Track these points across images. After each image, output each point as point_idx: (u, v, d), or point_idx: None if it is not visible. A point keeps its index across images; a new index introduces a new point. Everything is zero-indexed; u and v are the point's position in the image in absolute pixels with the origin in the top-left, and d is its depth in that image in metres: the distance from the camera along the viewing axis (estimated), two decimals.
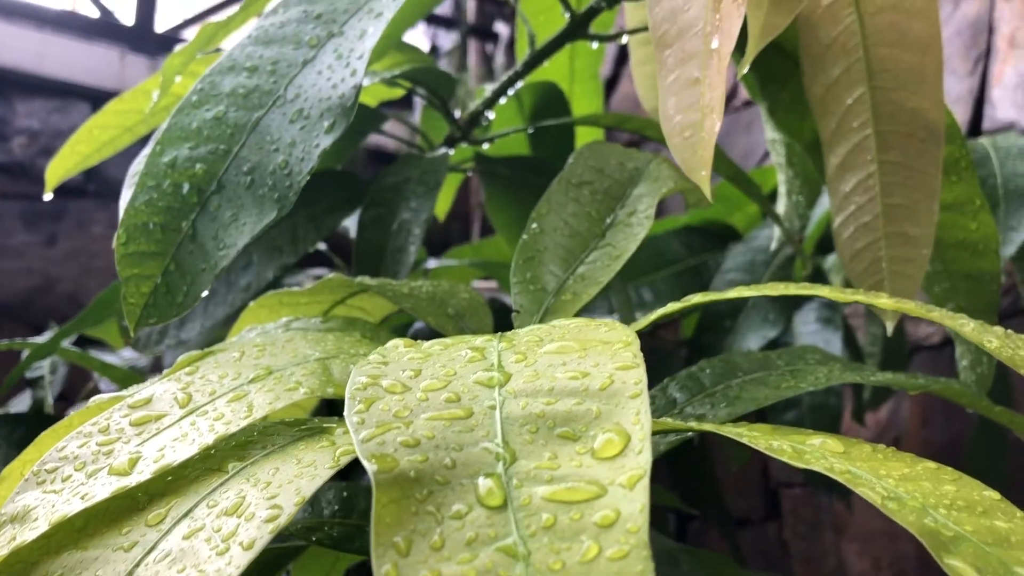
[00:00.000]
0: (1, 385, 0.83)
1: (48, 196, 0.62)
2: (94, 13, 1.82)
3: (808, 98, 0.53)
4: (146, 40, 1.76)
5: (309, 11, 0.42)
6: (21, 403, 0.93)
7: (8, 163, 1.60)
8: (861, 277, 0.49)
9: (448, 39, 1.88)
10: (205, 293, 0.38)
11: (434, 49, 1.93)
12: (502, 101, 0.60)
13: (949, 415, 1.11)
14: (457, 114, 0.63)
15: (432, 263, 0.83)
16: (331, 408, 0.52)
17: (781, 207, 0.69)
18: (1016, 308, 1.07)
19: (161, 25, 1.84)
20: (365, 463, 0.20)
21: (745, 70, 0.38)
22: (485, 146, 0.66)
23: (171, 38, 1.82)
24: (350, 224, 0.70)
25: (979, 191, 0.55)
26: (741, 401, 0.39)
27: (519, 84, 0.59)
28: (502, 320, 0.43)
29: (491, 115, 0.64)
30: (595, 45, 0.71)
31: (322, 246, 0.74)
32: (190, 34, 1.89)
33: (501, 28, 1.78)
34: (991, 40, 1.12)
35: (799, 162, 0.65)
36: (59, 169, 0.62)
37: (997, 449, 0.89)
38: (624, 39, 0.56)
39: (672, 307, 0.33)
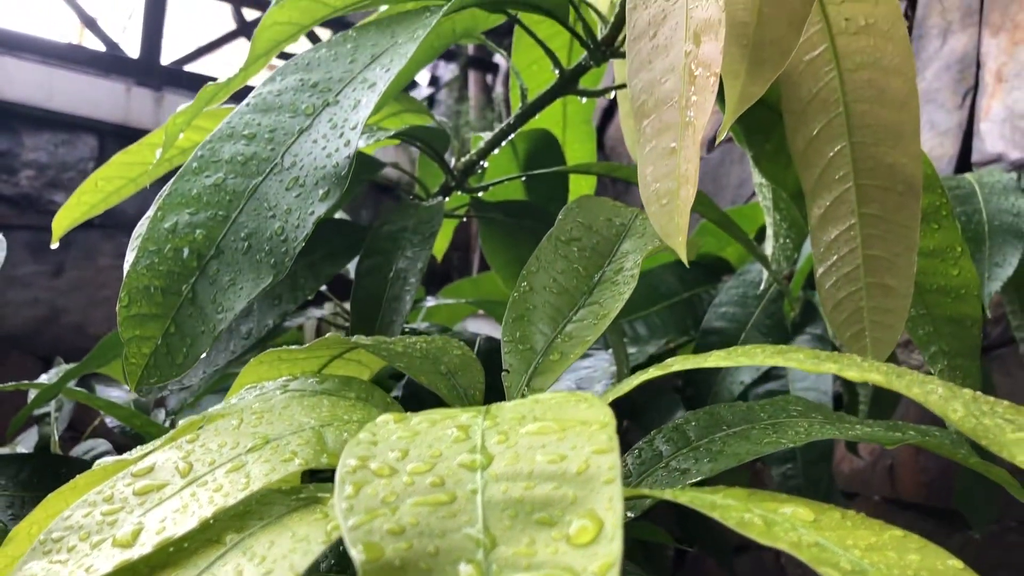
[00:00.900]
0: (8, 426, 0.85)
1: (55, 245, 0.64)
2: (100, 46, 1.84)
3: (790, 150, 0.54)
4: (152, 73, 1.79)
5: (306, 79, 0.43)
6: (28, 439, 0.94)
7: (15, 195, 1.62)
8: (843, 326, 0.51)
9: (448, 70, 1.90)
10: (204, 355, 0.40)
11: (434, 80, 1.95)
12: (495, 152, 0.62)
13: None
14: (453, 162, 0.64)
15: (430, 301, 0.84)
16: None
17: (769, 248, 0.70)
18: (1006, 338, 1.08)
19: (167, 57, 1.87)
20: (352, 551, 0.21)
21: (723, 136, 0.40)
22: (480, 194, 0.67)
23: (176, 70, 1.85)
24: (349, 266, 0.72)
25: (960, 238, 0.57)
26: (723, 456, 0.40)
27: (512, 135, 0.61)
28: (496, 364, 0.44)
29: (485, 163, 0.65)
30: (584, 100, 0.72)
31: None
32: (195, 67, 1.92)
33: (500, 59, 1.81)
34: (979, 75, 1.13)
35: (785, 207, 0.67)
36: (65, 219, 0.63)
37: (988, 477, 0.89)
38: (612, 94, 0.58)
39: (653, 373, 0.34)
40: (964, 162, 1.15)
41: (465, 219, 0.71)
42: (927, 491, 1.12)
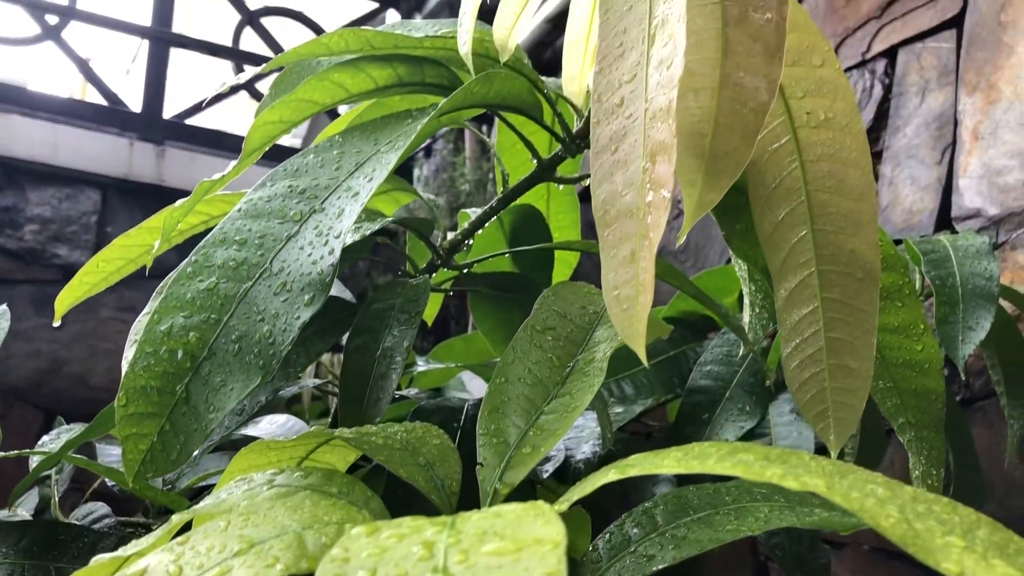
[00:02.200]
0: (8, 482, 0.87)
1: (57, 323, 0.67)
2: (102, 97, 1.89)
3: (757, 234, 0.57)
4: (154, 127, 1.83)
5: (294, 186, 0.46)
6: (28, 500, 0.96)
7: (19, 249, 1.65)
8: (808, 406, 0.53)
9: None
10: (196, 452, 0.42)
11: None
12: (480, 232, 0.65)
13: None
14: (440, 240, 0.67)
15: (421, 366, 0.86)
16: None
17: (746, 317, 0.73)
18: (988, 390, 1.10)
19: (168, 110, 1.91)
20: None
21: (682, 240, 0.42)
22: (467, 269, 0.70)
23: (178, 124, 1.89)
24: None
25: (922, 316, 0.59)
26: (687, 543, 0.42)
27: (495, 217, 0.64)
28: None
29: (471, 240, 0.68)
30: (561, 187, 0.75)
31: None
32: (197, 120, 1.96)
33: None
34: (956, 132, 1.17)
35: (760, 279, 0.70)
36: (68, 298, 0.66)
37: None
38: (587, 182, 0.60)
39: (612, 476, 0.36)
40: (944, 217, 1.18)
41: (451, 293, 0.74)
42: None
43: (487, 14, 0.56)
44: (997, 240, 1.11)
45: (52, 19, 1.84)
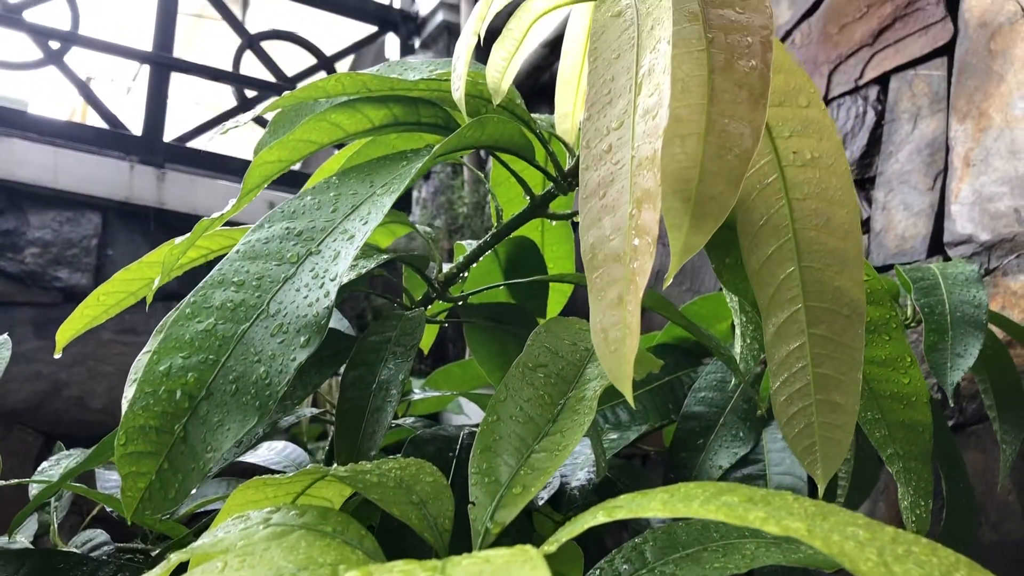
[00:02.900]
0: (8, 506, 0.88)
1: (58, 355, 0.68)
2: (103, 123, 1.91)
3: (746, 269, 0.58)
4: (155, 150, 1.85)
5: (291, 228, 0.47)
6: (28, 526, 0.97)
7: (20, 272, 1.66)
8: (796, 440, 0.54)
9: None
10: (194, 491, 0.43)
11: None
12: (475, 265, 0.66)
13: None
14: (434, 273, 0.68)
15: (417, 394, 0.87)
16: None
17: (737, 347, 0.74)
18: (981, 414, 1.11)
19: (169, 133, 1.93)
20: None
21: (669, 281, 0.44)
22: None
23: (179, 147, 1.91)
24: None
25: (909, 349, 0.60)
26: None
27: (490, 250, 0.65)
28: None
29: (467, 273, 0.69)
30: (553, 223, 0.77)
31: None
32: (198, 143, 1.98)
33: None
34: (948, 158, 1.18)
35: (751, 310, 0.71)
36: (69, 330, 0.67)
37: (963, 551, 0.92)
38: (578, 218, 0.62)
39: (601, 519, 0.37)
40: (937, 242, 1.19)
41: (447, 324, 0.75)
42: None
43: (484, 44, 0.57)
44: (989, 266, 1.12)
45: (54, 44, 1.86)
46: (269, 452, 0.94)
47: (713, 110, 0.44)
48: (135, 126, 1.90)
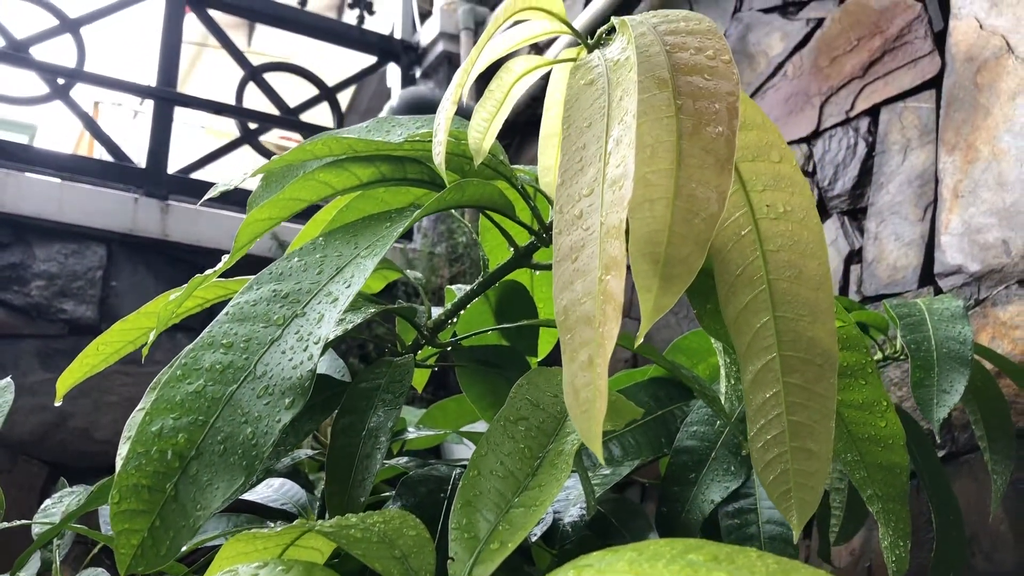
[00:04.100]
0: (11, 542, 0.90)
1: (59, 403, 0.70)
2: (107, 152, 1.94)
3: (724, 318, 0.60)
4: (158, 183, 1.88)
5: (278, 290, 0.49)
6: (31, 565, 0.99)
7: (26, 305, 1.69)
8: (772, 486, 0.55)
9: None
10: (185, 548, 0.45)
11: None
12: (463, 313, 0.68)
13: (919, 543, 1.15)
14: (424, 320, 0.70)
15: (412, 433, 0.89)
16: None
17: (723, 387, 0.75)
18: (973, 444, 1.12)
19: (174, 159, 1.96)
20: None
21: (640, 342, 0.45)
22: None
23: (182, 179, 1.94)
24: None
25: (885, 394, 0.62)
26: None
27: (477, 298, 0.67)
28: None
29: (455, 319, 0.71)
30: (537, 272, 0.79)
31: None
32: (201, 175, 2.01)
33: None
34: (938, 190, 1.20)
35: (734, 353, 0.72)
36: (69, 379, 0.69)
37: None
38: None
39: None
40: (927, 272, 1.20)
41: (436, 368, 0.77)
42: None
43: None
44: (979, 296, 1.13)
45: (61, 80, 1.89)
46: (267, 489, 0.95)
47: (681, 175, 0.46)
48: (142, 151, 1.93)
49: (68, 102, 1.89)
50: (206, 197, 0.58)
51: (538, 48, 1.92)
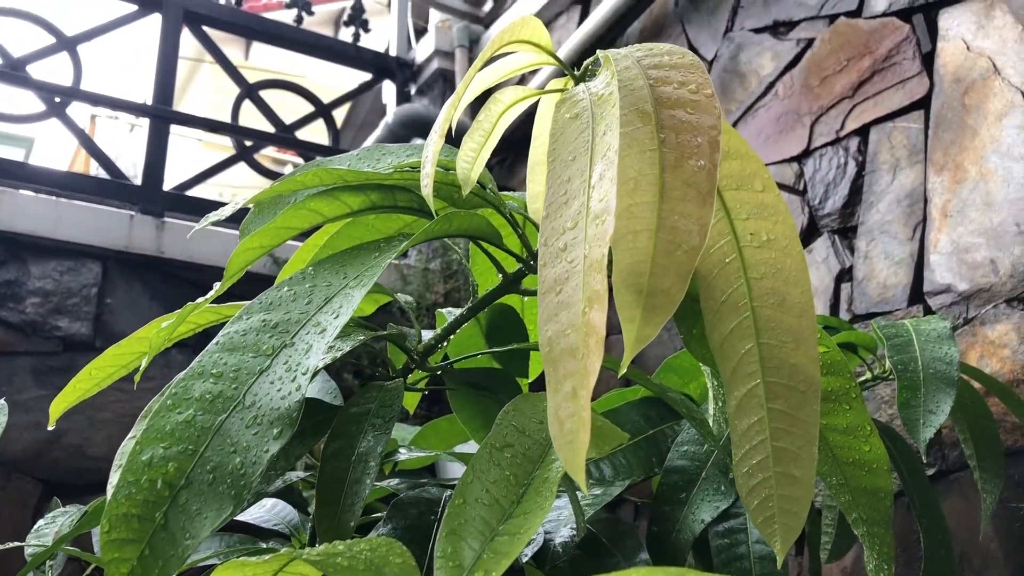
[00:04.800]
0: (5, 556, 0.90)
1: (51, 427, 0.70)
2: (102, 167, 1.95)
3: (709, 343, 0.60)
4: (154, 200, 1.88)
5: (268, 320, 0.50)
6: None
7: (20, 322, 1.69)
8: (756, 511, 0.56)
9: None
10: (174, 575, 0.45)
11: None
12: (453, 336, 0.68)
13: (909, 561, 1.16)
14: (414, 344, 0.71)
15: (403, 454, 0.89)
16: None
17: (711, 409, 0.76)
18: (963, 462, 1.13)
19: (171, 174, 1.97)
20: None
21: (623, 371, 0.46)
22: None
23: (178, 196, 1.95)
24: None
25: (868, 419, 0.63)
26: None
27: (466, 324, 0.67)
28: None
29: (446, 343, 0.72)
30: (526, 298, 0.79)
31: None
32: (197, 191, 2.02)
33: None
34: (926, 209, 1.21)
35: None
36: (62, 404, 0.70)
37: None
38: None
39: None
40: (917, 291, 1.21)
41: (427, 392, 0.77)
42: None
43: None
44: (967, 315, 1.14)
45: (57, 98, 1.90)
46: (259, 510, 0.96)
47: (664, 207, 0.47)
48: (138, 164, 1.94)
49: (65, 120, 1.90)
50: (197, 228, 0.59)
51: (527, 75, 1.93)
